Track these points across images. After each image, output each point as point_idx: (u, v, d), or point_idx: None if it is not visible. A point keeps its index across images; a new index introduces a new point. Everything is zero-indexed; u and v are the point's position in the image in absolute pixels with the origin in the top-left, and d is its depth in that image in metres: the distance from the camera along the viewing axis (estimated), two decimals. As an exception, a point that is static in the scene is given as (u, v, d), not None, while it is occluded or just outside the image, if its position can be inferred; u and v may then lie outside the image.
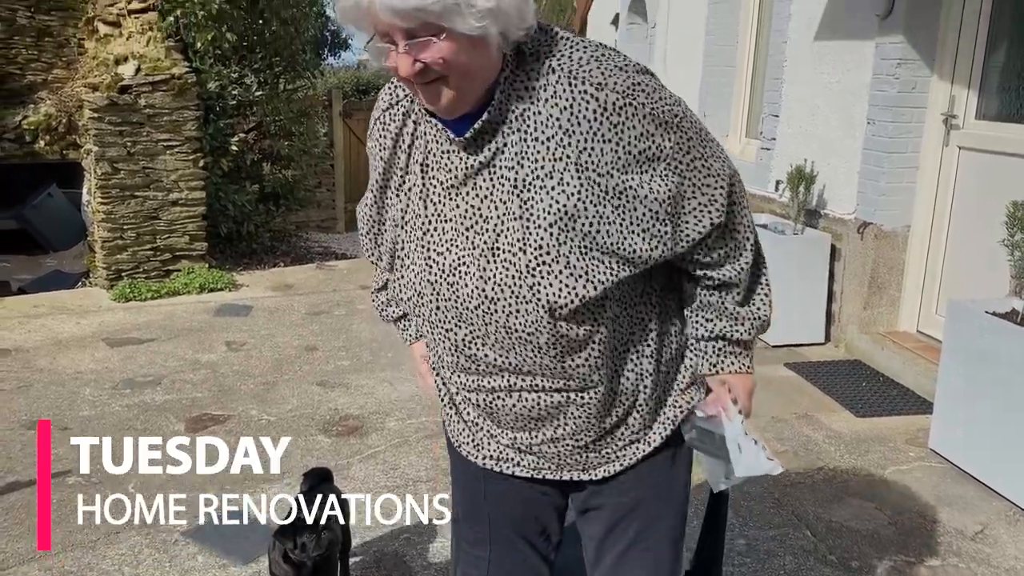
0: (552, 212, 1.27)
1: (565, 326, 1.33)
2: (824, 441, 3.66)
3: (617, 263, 1.31)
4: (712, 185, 1.36)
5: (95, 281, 6.13)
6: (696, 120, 1.37)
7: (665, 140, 1.29)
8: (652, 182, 1.29)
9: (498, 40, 1.22)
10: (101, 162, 5.79)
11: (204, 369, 4.41)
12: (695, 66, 7.04)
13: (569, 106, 1.25)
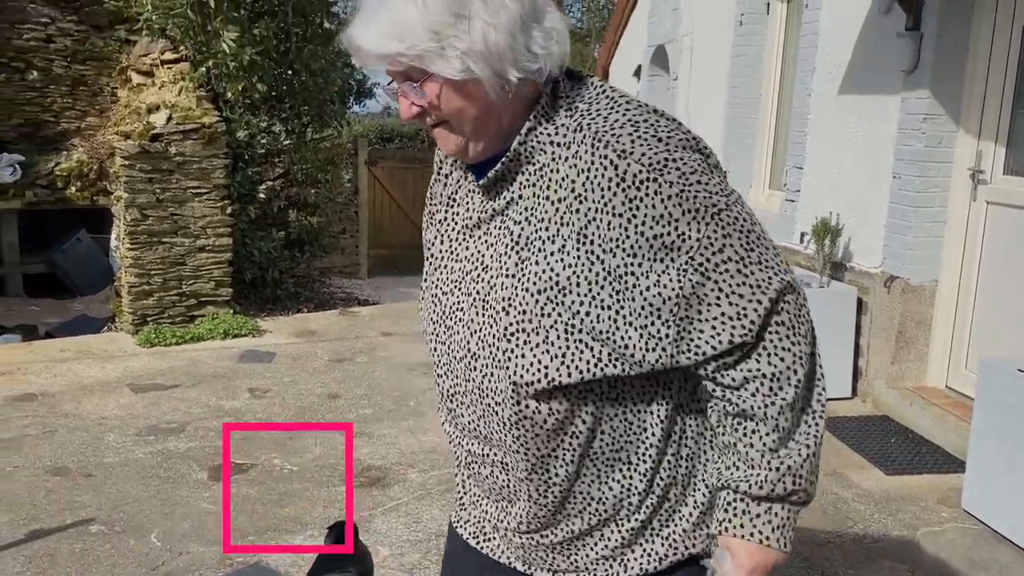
0: (543, 279, 1.17)
1: (532, 406, 1.20)
2: (854, 499, 3.59)
3: (607, 355, 1.16)
4: (746, 296, 1.14)
5: (121, 326, 6.19)
6: (747, 218, 1.16)
7: (692, 230, 1.11)
8: (664, 275, 1.12)
9: (496, 82, 1.13)
10: (131, 208, 5.88)
11: (228, 416, 4.41)
12: (717, 117, 7.08)
13: (587, 169, 1.14)
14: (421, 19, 1.09)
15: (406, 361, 5.52)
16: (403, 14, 1.10)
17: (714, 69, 7.25)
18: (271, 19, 6.49)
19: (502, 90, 1.14)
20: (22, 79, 6.99)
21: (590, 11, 21.08)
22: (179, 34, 6.44)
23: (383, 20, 1.11)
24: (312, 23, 6.98)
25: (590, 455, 1.24)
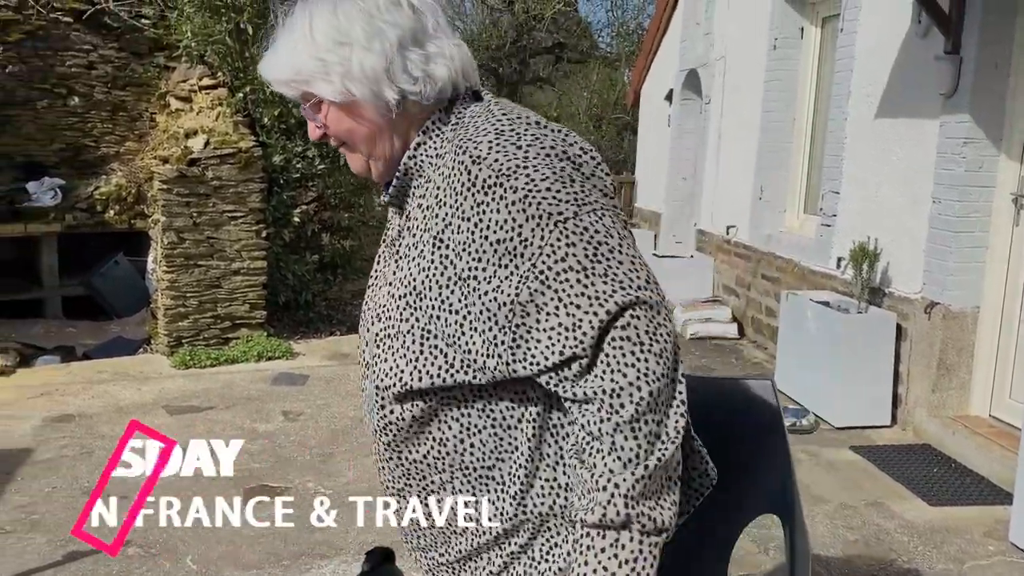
0: (405, 284, 1.22)
1: (395, 411, 1.23)
2: (897, 531, 3.51)
3: (459, 361, 1.16)
4: (583, 307, 1.08)
5: (156, 347, 6.24)
6: (601, 229, 1.11)
7: (535, 236, 1.10)
8: (505, 280, 1.11)
9: (377, 103, 1.22)
10: (168, 232, 5.95)
11: (261, 439, 4.42)
12: (751, 142, 7.05)
13: (447, 175, 1.19)
14: (309, 48, 1.22)
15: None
16: (296, 45, 1.23)
17: (747, 93, 7.22)
18: (307, 45, 6.59)
19: (386, 110, 1.23)
20: (64, 105, 7.12)
21: (620, 36, 21.14)
22: (217, 60, 6.54)
23: (281, 51, 1.25)
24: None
25: (462, 468, 1.24)
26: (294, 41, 1.23)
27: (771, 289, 6.57)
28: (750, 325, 6.97)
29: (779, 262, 6.46)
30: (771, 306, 6.57)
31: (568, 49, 21.93)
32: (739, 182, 7.33)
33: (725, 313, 7.08)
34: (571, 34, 22.37)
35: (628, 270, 1.11)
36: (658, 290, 1.14)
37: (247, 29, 6.07)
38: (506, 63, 20.73)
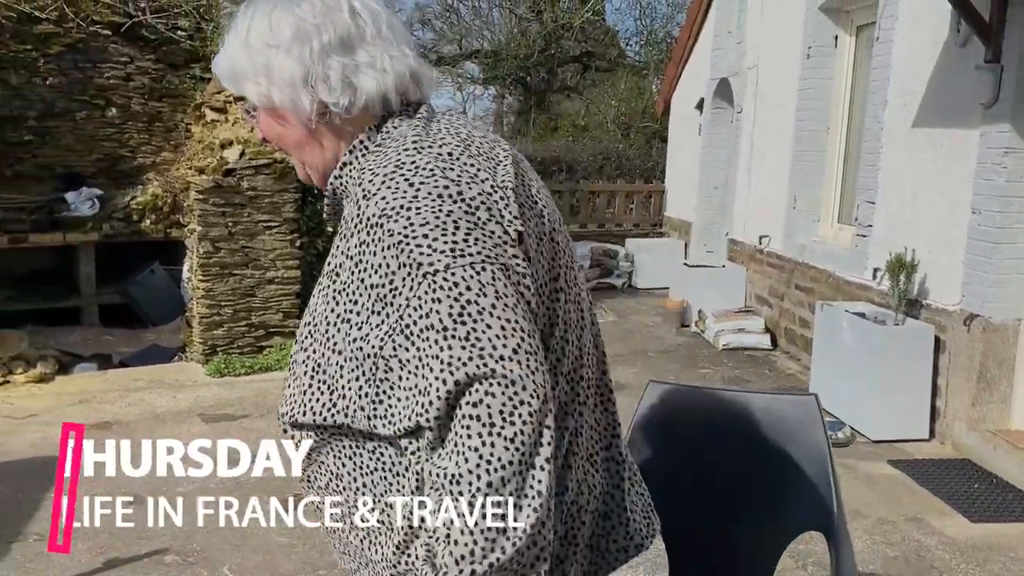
0: (310, 312, 1.17)
1: (295, 438, 1.22)
2: (938, 547, 3.45)
3: (339, 403, 1.10)
4: (434, 371, 0.98)
5: (191, 356, 6.31)
6: (476, 287, 0.99)
7: (404, 286, 1.01)
8: (375, 329, 1.04)
9: (298, 111, 1.18)
10: (204, 241, 6.02)
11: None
12: (784, 150, 7.00)
13: (349, 207, 1.12)
14: (242, 49, 1.19)
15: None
16: (234, 44, 1.20)
17: (780, 102, 7.18)
18: (340, 57, 6.65)
19: (307, 119, 1.18)
20: (102, 116, 7.23)
21: (648, 45, 21.10)
22: (252, 72, 6.62)
23: (224, 50, 1.22)
24: (379, 60, 7.11)
25: (360, 509, 1.17)
26: (231, 46, 1.22)
27: (805, 299, 6.51)
28: (783, 336, 6.90)
29: (813, 272, 6.40)
30: (805, 317, 6.51)
31: (596, 58, 21.92)
32: (772, 191, 7.28)
33: (758, 323, 7.03)
34: (599, 43, 22.36)
35: (495, 335, 0.98)
36: (530, 362, 0.98)
37: (282, 41, 6.14)
38: (534, 72, 20.77)
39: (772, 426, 2.12)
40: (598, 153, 16.52)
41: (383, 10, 1.22)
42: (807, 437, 2.10)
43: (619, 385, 5.45)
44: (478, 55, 21.72)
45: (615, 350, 6.76)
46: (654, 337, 7.33)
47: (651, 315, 8.19)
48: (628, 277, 9.82)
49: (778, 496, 2.10)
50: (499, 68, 20.60)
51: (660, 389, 2.27)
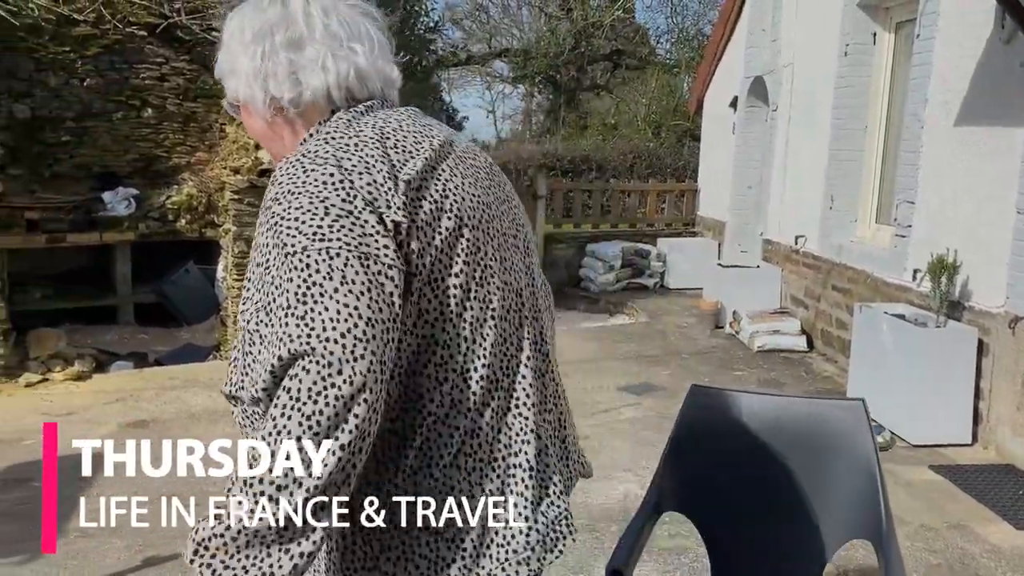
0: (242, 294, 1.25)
1: (232, 406, 1.29)
2: (982, 555, 3.37)
3: (233, 377, 1.21)
4: (273, 346, 1.05)
5: (225, 355, 6.36)
6: (326, 271, 1.04)
7: (273, 265, 1.09)
8: (252, 305, 1.14)
9: (257, 105, 1.26)
10: (238, 241, 6.06)
11: (329, 447, 4.46)
12: (820, 149, 6.91)
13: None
14: (224, 51, 1.28)
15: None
16: (221, 48, 1.29)
17: (816, 100, 7.08)
18: (373, 57, 6.66)
19: (264, 113, 1.26)
20: (138, 116, 7.32)
21: (679, 42, 20.95)
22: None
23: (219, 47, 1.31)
24: (412, 60, 7.13)
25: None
26: (220, 46, 1.30)
27: (842, 301, 6.41)
28: (819, 337, 6.81)
29: (850, 273, 6.31)
30: (842, 318, 6.42)
31: (626, 56, 21.81)
32: (808, 191, 7.18)
33: (794, 325, 6.94)
34: (629, 41, 22.25)
35: (329, 318, 1.01)
36: (357, 348, 1.01)
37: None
38: (564, 70, 20.70)
39: (818, 431, 2.08)
40: (628, 152, 16.43)
41: (338, 7, 1.27)
42: (854, 443, 2.06)
43: (653, 387, 5.41)
44: (507, 53, 21.72)
45: (648, 351, 6.71)
46: (687, 338, 7.26)
47: (684, 316, 8.12)
48: (660, 277, 9.75)
49: (824, 503, 2.06)
50: (529, 67, 20.57)
51: (702, 393, 2.24)
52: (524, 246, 1.35)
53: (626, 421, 5.02)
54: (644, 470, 4.26)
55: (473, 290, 1.20)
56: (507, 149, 17.72)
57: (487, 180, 1.30)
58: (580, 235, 10.21)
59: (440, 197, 1.18)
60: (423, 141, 1.22)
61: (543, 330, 1.37)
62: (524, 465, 1.25)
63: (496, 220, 1.28)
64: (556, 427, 1.38)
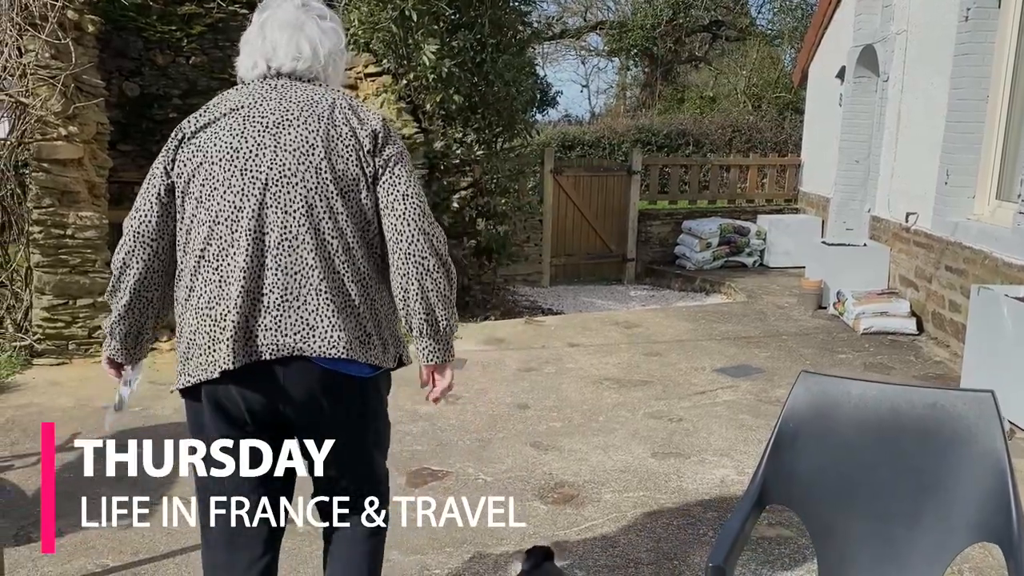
0: None
1: None
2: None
3: None
4: None
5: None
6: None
7: None
8: None
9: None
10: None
11: (423, 421, 4.48)
12: (936, 122, 6.52)
13: None
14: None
15: (593, 374, 5.42)
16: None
17: (932, 69, 6.68)
18: (468, 31, 6.60)
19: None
20: (244, 94, 7.49)
21: (782, 11, 20.14)
22: (382, 48, 6.67)
23: None
24: (506, 33, 7.04)
25: None
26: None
27: (956, 282, 6.06)
28: (930, 320, 6.46)
29: (966, 253, 5.95)
30: (956, 300, 6.07)
31: (726, 27, 21.16)
32: (921, 166, 6.80)
33: (903, 307, 6.61)
34: (729, 11, 21.57)
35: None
36: (134, 207, 2.03)
37: (411, 16, 6.14)
38: (660, 42, 20.23)
39: (941, 424, 1.93)
40: (727, 126, 15.99)
41: (273, 12, 2.11)
42: (981, 438, 1.90)
43: (751, 369, 5.22)
44: (603, 26, 21.37)
45: (746, 332, 6.51)
46: (788, 319, 7.01)
47: (784, 296, 7.84)
48: (759, 255, 9.45)
49: (945, 502, 1.91)
50: (624, 39, 20.19)
51: (812, 380, 2.11)
52: (302, 162, 1.94)
53: (722, 404, 4.87)
54: (742, 455, 4.12)
55: (195, 194, 1.96)
56: (601, 124, 17.48)
57: (255, 130, 1.95)
58: (676, 212, 9.98)
59: (196, 138, 1.99)
60: (224, 104, 2.01)
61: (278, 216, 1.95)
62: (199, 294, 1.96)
63: (242, 152, 1.93)
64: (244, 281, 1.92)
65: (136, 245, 1.97)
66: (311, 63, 2.03)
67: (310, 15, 2.06)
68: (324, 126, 1.95)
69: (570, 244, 9.45)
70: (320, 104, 1.98)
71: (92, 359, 5.50)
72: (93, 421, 4.43)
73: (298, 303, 1.90)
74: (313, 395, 1.94)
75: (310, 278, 1.91)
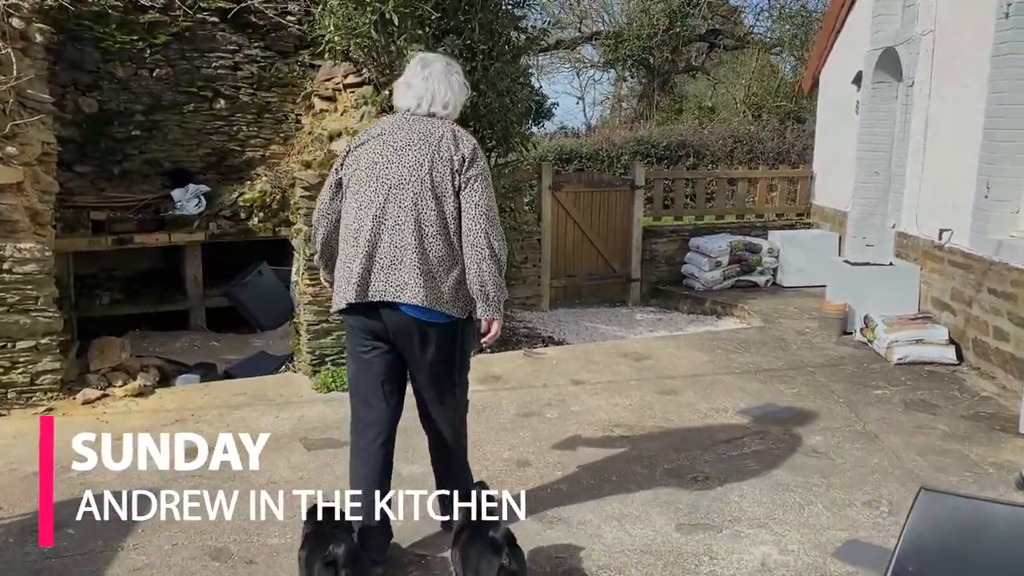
0: None
1: None
2: None
3: None
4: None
5: (299, 366, 5.84)
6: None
7: None
8: None
9: None
10: (311, 242, 5.51)
11: (405, 483, 3.83)
12: (972, 129, 5.94)
13: None
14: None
15: (602, 419, 4.79)
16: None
17: (966, 72, 6.10)
18: (456, 36, 5.98)
19: None
20: (210, 108, 6.87)
21: (781, 18, 19.61)
22: (362, 55, 6.06)
23: None
24: (499, 39, 6.44)
25: None
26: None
27: (1003, 307, 5.44)
28: (970, 348, 5.84)
29: (1014, 275, 5.34)
30: (1002, 327, 5.45)
31: (723, 36, 20.63)
32: (955, 177, 6.20)
33: (940, 334, 5.98)
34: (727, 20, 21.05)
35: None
36: (321, 199, 3.24)
37: (392, 19, 5.53)
38: (657, 52, 19.69)
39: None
40: (728, 136, 15.41)
41: (433, 69, 3.11)
42: None
43: (779, 409, 4.55)
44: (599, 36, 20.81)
45: (768, 364, 5.89)
46: (812, 347, 6.39)
47: (804, 319, 7.22)
48: (772, 274, 8.83)
49: None
50: (620, 49, 19.64)
51: (938, 503, 1.49)
52: (414, 175, 2.97)
53: (752, 456, 4.24)
54: (782, 526, 3.49)
55: (352, 189, 3.05)
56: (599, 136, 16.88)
57: (389, 150, 3.01)
58: (682, 228, 9.35)
59: (357, 154, 3.08)
60: (371, 130, 3.12)
61: (396, 202, 2.99)
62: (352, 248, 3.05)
63: (379, 165, 3.00)
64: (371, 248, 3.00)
65: (320, 215, 3.17)
66: (448, 110, 3.08)
67: (448, 71, 3.11)
68: (432, 151, 2.96)
69: (571, 264, 8.82)
70: (433, 135, 2.99)
71: (33, 409, 4.85)
72: (20, 492, 3.78)
73: (398, 268, 2.93)
74: (402, 328, 2.99)
75: (408, 252, 2.93)
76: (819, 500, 3.76)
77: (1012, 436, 4.54)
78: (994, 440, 4.50)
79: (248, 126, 7.04)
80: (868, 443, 4.45)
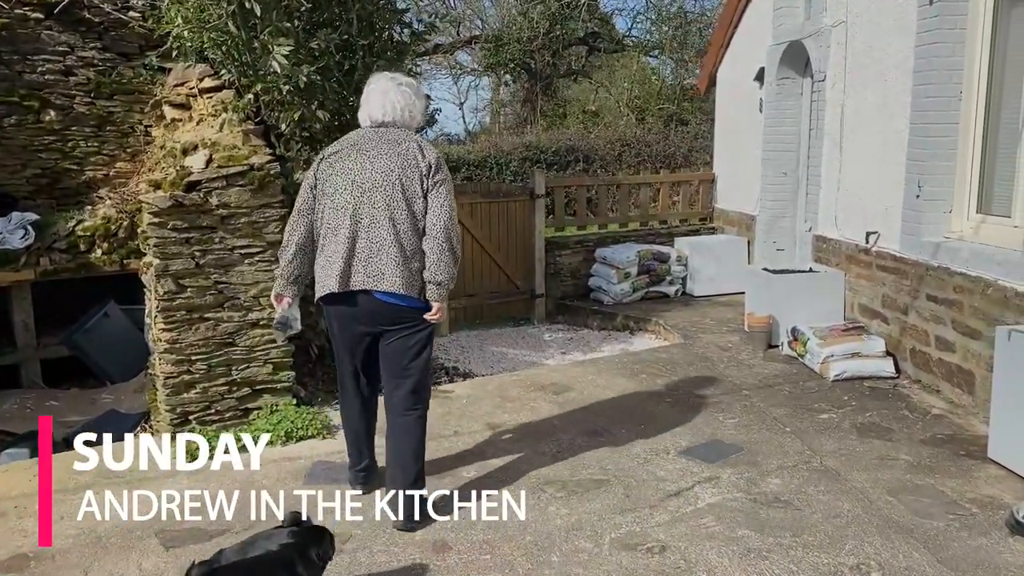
0: None
1: None
2: None
3: None
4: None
5: (157, 425, 4.87)
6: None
7: None
8: None
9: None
10: (164, 278, 4.56)
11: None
12: (895, 124, 5.56)
13: None
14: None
15: (530, 475, 4.06)
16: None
17: (886, 64, 5.72)
18: (331, 30, 5.15)
19: None
20: (37, 121, 5.76)
21: (660, 20, 19.49)
22: (220, 54, 5.14)
23: None
24: (380, 35, 5.64)
25: None
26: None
27: (946, 315, 5.05)
28: (909, 359, 5.44)
29: (958, 280, 4.94)
30: (945, 336, 5.05)
31: (601, 39, 20.38)
32: (878, 176, 5.82)
33: (877, 345, 5.56)
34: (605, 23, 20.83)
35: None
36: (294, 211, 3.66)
37: (254, 10, 4.64)
38: (538, 56, 19.23)
39: None
40: (615, 140, 15.03)
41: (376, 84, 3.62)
42: None
43: (725, 446, 3.66)
44: (477, 40, 20.17)
45: (699, 388, 5.31)
46: (740, 365, 5.86)
47: (724, 333, 6.72)
48: (682, 283, 8.35)
49: None
50: (500, 54, 19.07)
51: None
52: (385, 180, 3.42)
53: (709, 513, 3.61)
54: (770, 612, 2.84)
55: (328, 192, 3.49)
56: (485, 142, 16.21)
57: (363, 158, 3.46)
58: (587, 238, 8.75)
59: (331, 163, 3.52)
60: (344, 140, 3.59)
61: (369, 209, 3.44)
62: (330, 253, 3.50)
63: (353, 171, 3.44)
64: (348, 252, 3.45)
65: (298, 217, 3.52)
66: (393, 115, 3.54)
67: (393, 83, 3.58)
68: (401, 158, 3.43)
69: (470, 283, 8.09)
70: (401, 144, 3.46)
71: None
72: None
73: (376, 260, 3.40)
74: (378, 313, 3.47)
75: (384, 246, 3.39)
76: (801, 569, 3.15)
77: (981, 462, 4.09)
78: (964, 468, 4.03)
79: (87, 141, 5.96)
80: (832, 483, 3.90)
